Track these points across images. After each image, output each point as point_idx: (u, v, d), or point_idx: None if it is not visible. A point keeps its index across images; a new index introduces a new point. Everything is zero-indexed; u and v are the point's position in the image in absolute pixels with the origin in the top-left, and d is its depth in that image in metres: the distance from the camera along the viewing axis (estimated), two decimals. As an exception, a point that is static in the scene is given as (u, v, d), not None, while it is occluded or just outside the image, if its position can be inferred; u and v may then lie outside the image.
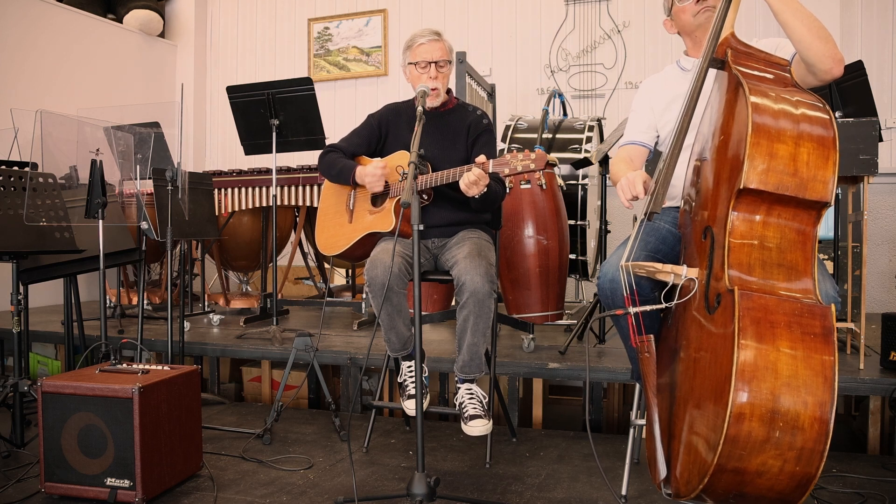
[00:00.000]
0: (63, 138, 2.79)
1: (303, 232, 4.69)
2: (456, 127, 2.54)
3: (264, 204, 4.26)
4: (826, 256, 3.86)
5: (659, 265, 1.73)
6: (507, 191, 2.74)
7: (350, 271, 5.12)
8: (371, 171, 2.44)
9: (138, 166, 3.06)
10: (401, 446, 2.72)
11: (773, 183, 1.47)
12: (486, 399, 2.38)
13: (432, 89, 2.46)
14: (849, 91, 3.28)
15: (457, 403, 2.37)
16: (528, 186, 3.22)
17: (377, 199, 2.56)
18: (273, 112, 3.82)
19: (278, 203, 4.04)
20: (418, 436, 1.91)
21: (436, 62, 2.46)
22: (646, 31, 5.15)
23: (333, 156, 2.59)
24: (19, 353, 2.71)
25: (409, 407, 2.44)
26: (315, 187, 4.10)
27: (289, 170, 4.14)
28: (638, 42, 5.17)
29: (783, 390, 1.36)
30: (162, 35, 6.28)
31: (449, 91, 2.58)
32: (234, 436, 2.87)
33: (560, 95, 4.57)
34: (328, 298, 4.63)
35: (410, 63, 2.50)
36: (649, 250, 1.96)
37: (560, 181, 3.45)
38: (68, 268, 3.05)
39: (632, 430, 2.20)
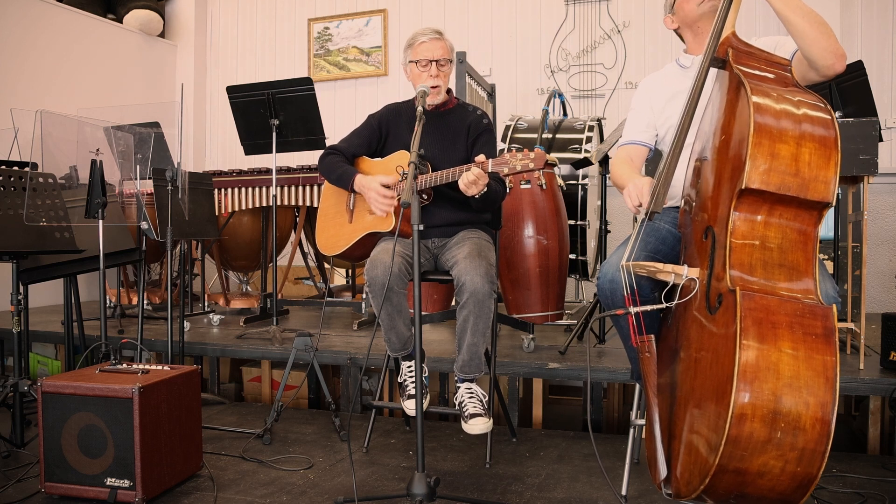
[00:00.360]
0: (63, 138, 2.79)
1: (303, 232, 4.69)
2: (456, 127, 2.54)
3: (264, 204, 4.25)
4: (826, 256, 3.86)
5: (659, 265, 1.73)
6: (507, 190, 2.74)
7: (350, 271, 5.12)
8: (375, 196, 2.40)
9: (138, 166, 3.05)
10: (401, 446, 2.72)
11: (775, 183, 1.47)
12: (486, 398, 2.38)
13: (433, 87, 2.46)
14: (849, 91, 3.28)
15: (457, 402, 2.37)
16: (528, 186, 3.22)
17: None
18: (273, 112, 3.82)
19: (278, 203, 4.04)
20: (418, 436, 1.91)
21: (437, 60, 2.47)
22: (646, 31, 5.15)
23: (333, 159, 2.57)
24: (19, 353, 2.71)
25: (409, 407, 2.44)
26: (315, 187, 4.10)
27: (289, 170, 4.14)
28: (638, 42, 5.17)
29: (785, 391, 1.36)
30: (162, 35, 6.28)
31: (449, 91, 2.58)
32: (234, 436, 2.86)
33: (560, 95, 4.56)
34: (328, 298, 4.63)
35: (411, 61, 2.50)
36: (649, 250, 1.96)
37: (560, 181, 3.45)
38: (68, 268, 3.04)
39: (632, 430, 2.20)
